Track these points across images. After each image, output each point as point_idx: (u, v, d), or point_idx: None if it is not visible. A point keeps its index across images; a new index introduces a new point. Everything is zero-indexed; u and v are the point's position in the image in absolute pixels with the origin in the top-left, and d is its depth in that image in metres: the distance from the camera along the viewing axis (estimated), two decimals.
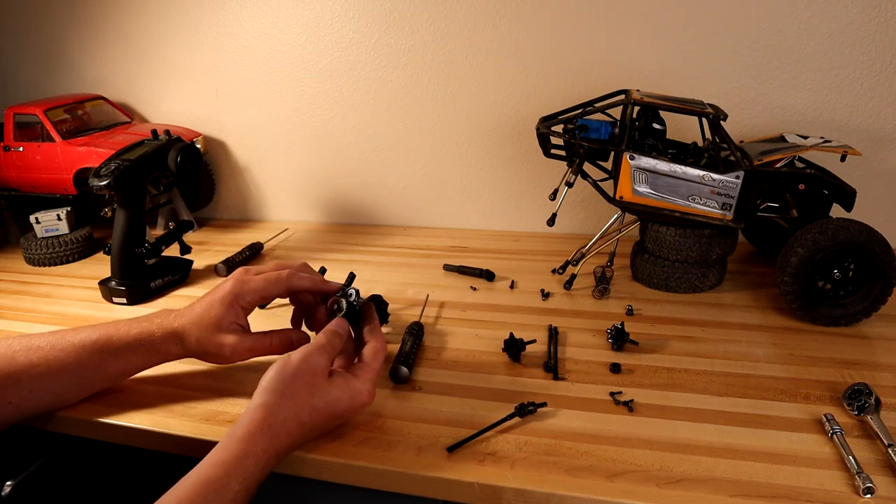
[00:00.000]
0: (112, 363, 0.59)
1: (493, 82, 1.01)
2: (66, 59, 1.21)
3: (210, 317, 0.59)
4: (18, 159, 1.05)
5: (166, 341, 0.60)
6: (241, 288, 0.60)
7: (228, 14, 1.08)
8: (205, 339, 0.59)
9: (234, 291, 0.60)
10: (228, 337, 0.59)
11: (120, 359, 0.59)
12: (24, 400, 0.57)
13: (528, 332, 0.69)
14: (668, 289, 0.81)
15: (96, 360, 0.58)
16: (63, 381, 0.58)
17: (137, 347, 0.59)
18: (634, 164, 0.75)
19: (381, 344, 0.58)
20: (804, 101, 0.90)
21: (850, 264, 0.69)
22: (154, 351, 0.60)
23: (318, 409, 0.51)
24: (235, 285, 0.60)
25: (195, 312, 0.60)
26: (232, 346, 0.59)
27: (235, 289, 0.60)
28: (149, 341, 0.59)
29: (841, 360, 0.64)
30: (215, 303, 0.59)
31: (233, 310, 0.60)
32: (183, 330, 0.59)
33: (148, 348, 0.59)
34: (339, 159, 1.13)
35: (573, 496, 0.47)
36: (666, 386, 0.61)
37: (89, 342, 0.58)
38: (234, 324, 0.60)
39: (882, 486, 0.46)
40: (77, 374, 0.58)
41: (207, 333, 0.59)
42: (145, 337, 0.59)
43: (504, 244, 1.02)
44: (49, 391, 0.58)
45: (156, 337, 0.59)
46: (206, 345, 0.59)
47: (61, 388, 0.58)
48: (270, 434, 0.48)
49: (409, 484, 0.51)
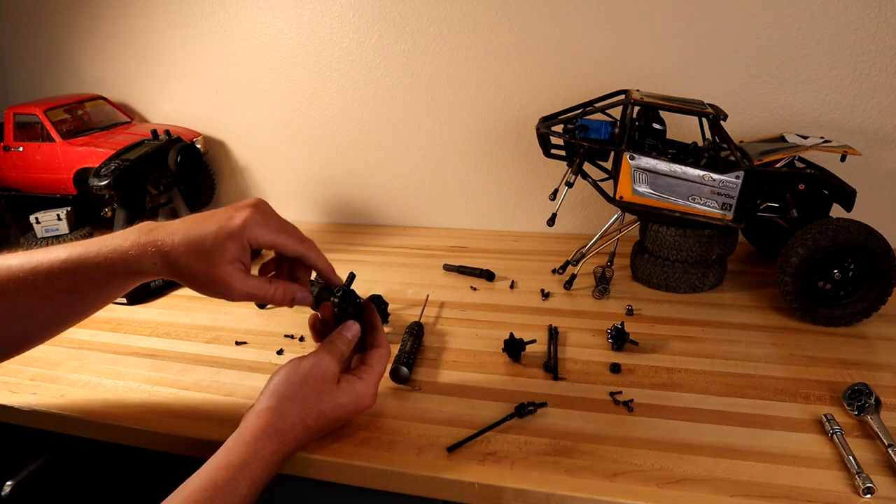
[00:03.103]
0: (85, 282, 0.52)
1: (493, 82, 1.01)
2: (66, 59, 1.21)
3: (215, 245, 0.51)
4: (18, 159, 1.05)
5: (142, 254, 0.51)
6: (260, 220, 0.53)
7: (228, 14, 1.08)
8: (202, 268, 0.51)
9: (249, 223, 0.52)
10: (236, 273, 0.52)
11: (93, 277, 0.52)
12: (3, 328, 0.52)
13: (528, 332, 0.69)
14: (668, 289, 0.81)
15: (68, 279, 0.52)
16: (35, 304, 0.52)
17: (110, 265, 0.52)
18: (634, 164, 0.75)
19: (386, 348, 0.57)
20: (804, 101, 0.90)
21: (850, 264, 0.69)
22: (129, 265, 0.52)
23: (325, 413, 0.51)
24: (254, 217, 0.52)
25: (194, 233, 0.51)
26: (241, 284, 0.52)
27: (253, 219, 0.52)
28: (123, 256, 0.51)
29: (841, 360, 0.64)
30: (225, 232, 0.51)
31: (242, 244, 0.52)
32: (173, 249, 0.51)
33: (121, 264, 0.52)
34: (339, 159, 1.13)
35: (573, 496, 0.47)
36: (666, 386, 0.61)
37: (59, 261, 0.52)
38: (239, 261, 0.52)
39: (882, 486, 0.46)
40: (48, 297, 0.52)
41: (207, 263, 0.51)
42: (120, 252, 0.52)
43: (504, 244, 1.02)
44: (20, 316, 0.52)
45: (131, 251, 0.51)
46: (202, 276, 0.51)
47: (34, 312, 0.53)
48: (277, 438, 0.48)
49: (409, 484, 0.51)
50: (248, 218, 0.52)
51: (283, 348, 0.71)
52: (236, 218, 0.52)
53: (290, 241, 0.55)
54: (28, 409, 0.61)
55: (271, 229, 0.53)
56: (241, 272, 0.52)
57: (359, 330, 0.57)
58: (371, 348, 0.57)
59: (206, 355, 0.70)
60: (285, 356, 0.69)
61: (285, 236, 0.54)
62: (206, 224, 0.52)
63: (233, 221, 0.52)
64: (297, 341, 0.73)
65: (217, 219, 0.52)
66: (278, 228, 0.54)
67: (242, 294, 0.53)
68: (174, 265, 0.51)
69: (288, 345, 0.72)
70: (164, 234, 0.52)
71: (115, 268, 0.52)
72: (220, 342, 0.73)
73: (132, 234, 0.52)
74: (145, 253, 0.51)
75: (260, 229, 0.52)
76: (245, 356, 0.70)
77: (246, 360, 0.69)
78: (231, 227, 0.51)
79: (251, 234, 0.52)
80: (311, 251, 0.56)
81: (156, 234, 0.52)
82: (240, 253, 0.52)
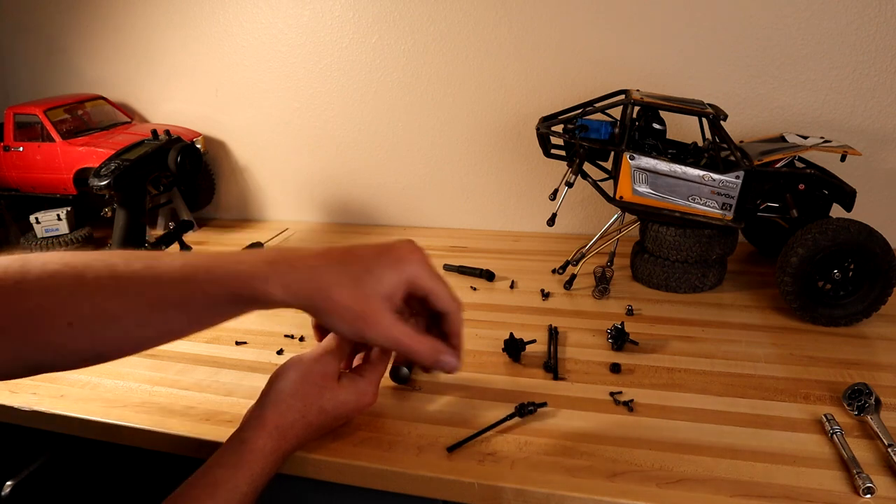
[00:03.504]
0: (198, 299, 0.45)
1: (493, 82, 1.01)
2: (66, 58, 1.21)
3: (371, 272, 0.45)
4: (18, 159, 1.05)
5: (275, 277, 0.44)
6: (424, 260, 0.47)
7: (228, 14, 1.08)
8: (347, 295, 0.44)
9: (416, 259, 0.47)
10: (386, 310, 0.46)
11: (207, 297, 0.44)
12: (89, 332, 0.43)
13: (528, 332, 0.69)
14: (668, 289, 0.81)
15: (179, 290, 0.44)
16: (132, 314, 0.44)
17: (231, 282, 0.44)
18: (634, 164, 0.75)
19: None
20: (804, 101, 0.90)
21: (850, 264, 0.69)
22: (251, 292, 0.44)
23: (326, 411, 0.51)
24: (420, 254, 0.48)
25: (345, 255, 0.46)
26: (389, 323, 0.46)
27: (419, 257, 0.47)
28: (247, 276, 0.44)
29: (841, 360, 0.64)
30: (388, 261, 0.46)
31: (400, 279, 0.46)
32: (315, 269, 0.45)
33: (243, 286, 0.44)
34: (339, 159, 1.13)
35: (573, 496, 0.47)
36: (666, 386, 0.61)
37: (175, 268, 0.44)
38: (391, 299, 0.46)
39: (882, 486, 0.46)
40: (147, 315, 0.44)
41: (356, 290, 0.45)
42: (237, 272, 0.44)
43: (504, 244, 1.02)
44: (115, 321, 0.43)
45: (258, 272, 0.44)
46: (345, 303, 0.45)
47: (131, 323, 0.44)
48: (278, 435, 0.48)
49: (409, 484, 0.51)
50: (414, 252, 0.48)
51: (283, 348, 0.71)
52: (400, 249, 0.47)
53: (445, 293, 0.49)
54: (28, 409, 0.61)
55: (432, 273, 0.48)
56: (390, 311, 0.46)
57: None
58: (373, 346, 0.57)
59: (206, 355, 0.70)
60: (285, 356, 0.69)
61: (442, 285, 0.49)
62: (359, 249, 0.47)
63: (396, 252, 0.47)
64: (297, 341, 0.73)
65: (375, 247, 0.47)
66: (437, 275, 0.49)
67: (388, 337, 0.47)
68: (314, 288, 0.45)
69: (288, 345, 0.72)
70: (303, 253, 0.46)
71: (234, 284, 0.44)
72: (220, 342, 0.73)
73: (260, 252, 0.48)
74: (276, 271, 0.44)
75: (423, 269, 0.47)
76: (245, 356, 0.70)
77: (246, 360, 0.69)
78: (393, 256, 0.47)
79: (413, 272, 0.47)
80: (459, 311, 0.51)
81: (289, 253, 0.46)
82: (395, 288, 0.46)
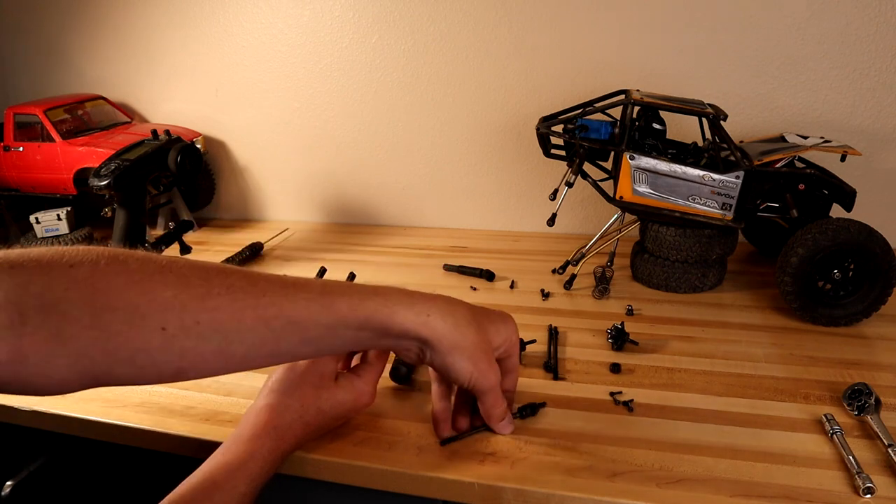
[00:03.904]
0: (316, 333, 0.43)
1: (493, 82, 1.01)
2: (66, 58, 1.21)
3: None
4: (18, 159, 1.05)
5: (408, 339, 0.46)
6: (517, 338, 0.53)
7: (228, 14, 1.08)
8: None
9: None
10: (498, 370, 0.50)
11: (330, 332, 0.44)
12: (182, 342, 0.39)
13: (528, 332, 0.69)
14: (668, 289, 0.81)
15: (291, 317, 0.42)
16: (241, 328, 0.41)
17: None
18: (634, 164, 0.75)
19: None
20: (804, 101, 0.90)
21: (850, 264, 0.69)
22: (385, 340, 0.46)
23: (324, 411, 0.51)
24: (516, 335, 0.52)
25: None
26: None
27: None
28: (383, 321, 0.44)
29: (841, 360, 0.64)
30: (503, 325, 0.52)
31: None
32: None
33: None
34: (339, 159, 1.13)
35: (573, 496, 0.47)
36: (666, 386, 0.61)
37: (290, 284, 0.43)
38: None
39: (882, 486, 0.46)
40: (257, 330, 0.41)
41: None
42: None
43: (504, 244, 1.02)
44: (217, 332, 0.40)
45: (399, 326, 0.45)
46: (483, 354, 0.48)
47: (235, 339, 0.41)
48: (276, 436, 0.48)
49: (409, 484, 0.51)
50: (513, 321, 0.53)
51: None
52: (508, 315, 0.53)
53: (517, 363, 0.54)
54: (28, 409, 0.61)
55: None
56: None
57: None
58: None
59: None
60: None
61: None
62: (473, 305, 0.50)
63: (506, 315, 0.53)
64: None
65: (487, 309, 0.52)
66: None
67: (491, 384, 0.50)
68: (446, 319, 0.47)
69: None
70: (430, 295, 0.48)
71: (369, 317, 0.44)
72: None
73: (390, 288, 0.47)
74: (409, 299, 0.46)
75: (517, 335, 0.53)
76: None
77: None
78: (505, 316, 0.53)
79: (515, 335, 0.53)
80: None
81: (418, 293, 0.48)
82: (502, 343, 0.52)
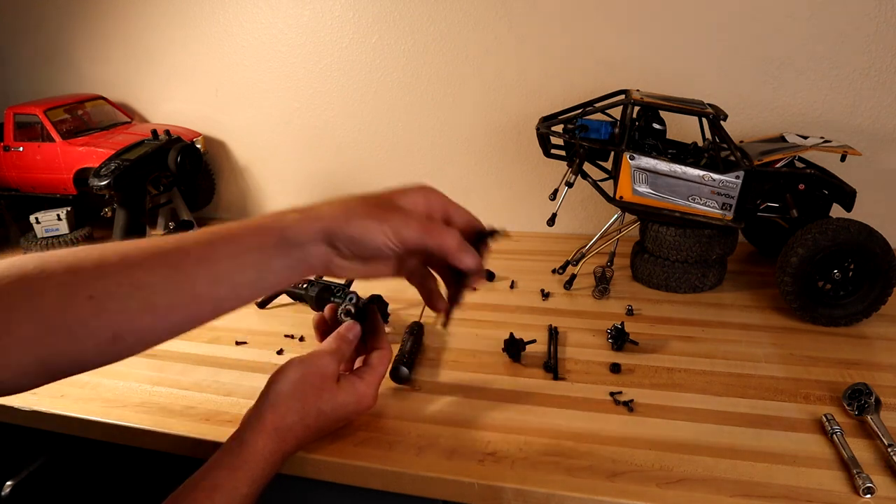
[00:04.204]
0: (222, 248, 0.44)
1: (493, 82, 1.01)
2: (66, 58, 1.21)
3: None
4: (18, 159, 1.05)
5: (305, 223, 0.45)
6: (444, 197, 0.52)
7: (228, 14, 1.08)
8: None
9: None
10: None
11: (235, 260, 0.43)
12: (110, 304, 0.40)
13: (528, 332, 0.69)
14: (668, 289, 0.81)
15: (202, 245, 0.43)
16: (156, 279, 0.42)
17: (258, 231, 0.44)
18: (634, 164, 0.75)
19: (388, 351, 0.57)
20: (804, 101, 0.90)
21: (850, 264, 0.69)
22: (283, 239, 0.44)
23: (325, 412, 0.51)
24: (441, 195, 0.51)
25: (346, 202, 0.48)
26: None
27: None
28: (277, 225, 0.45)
29: (841, 360, 0.64)
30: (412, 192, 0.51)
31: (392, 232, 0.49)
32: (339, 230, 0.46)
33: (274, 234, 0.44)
34: (338, 159, 1.13)
35: (573, 496, 0.47)
36: (666, 386, 0.61)
37: (195, 234, 0.45)
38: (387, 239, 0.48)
39: (882, 486, 0.46)
40: (170, 276, 0.42)
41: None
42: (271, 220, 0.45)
43: (504, 244, 1.02)
44: (138, 289, 0.41)
45: (287, 220, 0.45)
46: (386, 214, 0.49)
47: (154, 289, 0.41)
48: (277, 437, 0.48)
49: (409, 484, 0.51)
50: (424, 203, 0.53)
51: (283, 348, 0.71)
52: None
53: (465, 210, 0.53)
54: (28, 409, 0.61)
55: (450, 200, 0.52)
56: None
57: (359, 331, 0.57)
58: (373, 350, 0.57)
59: (206, 355, 0.70)
60: (285, 356, 0.69)
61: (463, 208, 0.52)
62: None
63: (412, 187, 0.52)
64: (296, 341, 0.73)
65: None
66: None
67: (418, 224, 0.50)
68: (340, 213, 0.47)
69: (288, 345, 0.72)
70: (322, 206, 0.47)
71: (263, 232, 0.44)
72: (221, 342, 0.73)
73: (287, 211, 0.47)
74: (306, 218, 0.45)
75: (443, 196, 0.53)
76: (245, 356, 0.70)
77: (246, 360, 0.69)
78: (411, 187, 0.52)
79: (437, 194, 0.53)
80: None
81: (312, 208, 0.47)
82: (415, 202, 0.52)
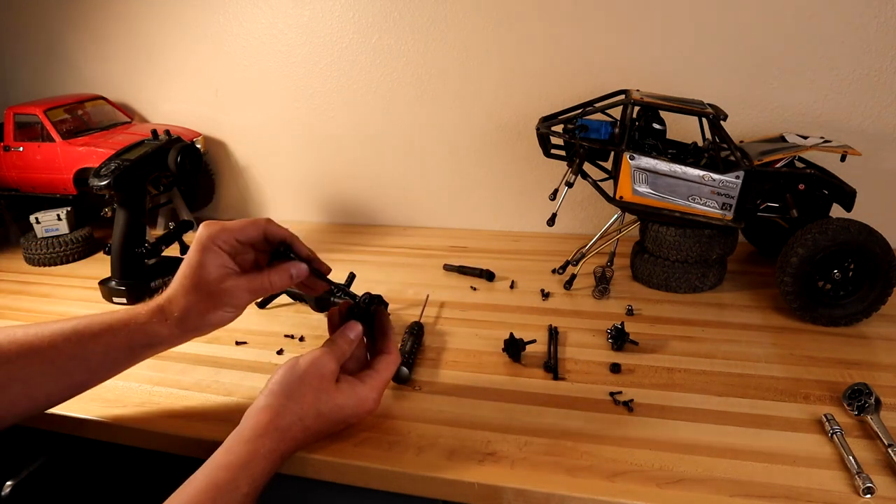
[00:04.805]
0: (91, 346, 0.53)
1: (493, 82, 1.01)
2: (66, 58, 1.21)
3: (193, 273, 0.54)
4: (18, 159, 1.05)
5: (150, 320, 0.55)
6: (213, 229, 0.55)
7: (228, 14, 1.08)
8: (194, 300, 0.54)
9: (206, 234, 0.54)
10: (223, 280, 0.54)
11: (100, 341, 0.53)
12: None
13: (528, 332, 0.69)
14: (668, 289, 0.81)
15: (73, 343, 0.52)
16: (36, 371, 0.51)
17: (119, 328, 0.54)
18: (634, 164, 0.75)
19: (395, 355, 0.57)
20: (804, 101, 0.90)
21: (850, 264, 0.69)
22: (137, 331, 0.54)
23: (323, 413, 0.51)
24: (206, 228, 0.55)
25: (176, 282, 0.55)
26: (230, 286, 0.54)
27: (207, 231, 0.55)
28: (132, 321, 0.54)
29: (841, 360, 0.64)
30: (192, 258, 0.55)
31: (213, 252, 0.54)
32: (168, 302, 0.55)
33: (131, 329, 0.54)
34: (339, 159, 1.13)
35: (573, 496, 0.47)
36: (666, 386, 0.61)
37: (67, 327, 0.53)
38: (222, 266, 0.55)
39: (882, 486, 0.46)
40: (51, 362, 0.52)
41: (196, 294, 0.54)
42: (130, 317, 0.54)
43: (504, 244, 1.02)
44: (19, 382, 0.50)
45: (140, 317, 0.54)
46: (198, 304, 0.54)
47: (35, 379, 0.51)
48: (276, 436, 0.48)
49: (409, 484, 0.51)
50: (202, 232, 0.55)
51: (283, 348, 0.71)
52: (195, 241, 0.55)
53: (252, 229, 0.56)
54: None
55: (228, 227, 0.55)
56: (229, 278, 0.55)
57: (361, 331, 0.57)
58: (380, 353, 0.57)
59: (206, 355, 0.70)
60: (285, 356, 0.69)
61: (245, 225, 0.56)
62: (179, 272, 0.56)
63: (192, 246, 0.55)
64: (297, 341, 0.73)
65: (184, 263, 0.56)
66: (235, 224, 0.56)
67: (236, 297, 0.55)
68: (175, 316, 0.55)
69: (288, 345, 0.72)
70: (158, 296, 0.56)
71: (125, 329, 0.54)
72: (220, 342, 0.73)
73: (142, 304, 0.56)
74: (151, 314, 0.55)
75: (218, 232, 0.55)
76: (245, 356, 0.70)
77: (246, 360, 0.69)
78: (193, 251, 0.55)
79: (216, 240, 0.54)
80: (271, 227, 0.57)
81: (156, 298, 0.56)
82: (220, 259, 0.55)
